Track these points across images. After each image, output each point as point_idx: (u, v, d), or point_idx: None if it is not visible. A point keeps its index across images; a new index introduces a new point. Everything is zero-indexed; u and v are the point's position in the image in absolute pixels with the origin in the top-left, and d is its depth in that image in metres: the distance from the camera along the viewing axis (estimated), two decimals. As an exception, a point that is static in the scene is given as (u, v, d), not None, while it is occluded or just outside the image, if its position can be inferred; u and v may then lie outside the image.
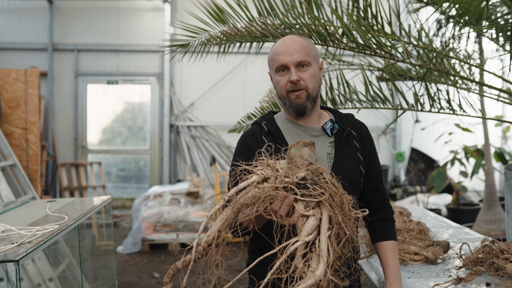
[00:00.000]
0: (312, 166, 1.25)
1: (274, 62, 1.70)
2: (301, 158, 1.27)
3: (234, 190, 1.28)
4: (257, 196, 1.23)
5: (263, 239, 1.44)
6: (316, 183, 1.20)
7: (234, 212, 1.25)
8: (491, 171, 5.68)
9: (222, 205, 1.29)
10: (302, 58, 1.66)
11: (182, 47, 2.92)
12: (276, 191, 1.22)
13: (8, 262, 1.65)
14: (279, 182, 1.23)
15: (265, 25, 2.42)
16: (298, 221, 1.20)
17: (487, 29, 3.11)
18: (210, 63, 8.43)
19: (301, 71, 1.67)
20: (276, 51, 1.70)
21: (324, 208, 1.19)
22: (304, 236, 1.16)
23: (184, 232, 6.05)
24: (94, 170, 8.64)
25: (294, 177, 1.22)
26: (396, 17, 2.64)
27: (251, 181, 1.25)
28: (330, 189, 1.20)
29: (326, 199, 1.18)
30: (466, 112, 3.00)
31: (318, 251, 1.14)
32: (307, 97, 1.68)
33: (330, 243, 1.15)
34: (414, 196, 7.14)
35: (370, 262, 2.57)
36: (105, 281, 3.70)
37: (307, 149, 1.28)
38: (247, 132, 1.81)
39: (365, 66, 3.50)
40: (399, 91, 2.93)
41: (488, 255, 2.11)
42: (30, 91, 6.69)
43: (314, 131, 1.74)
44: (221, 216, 1.26)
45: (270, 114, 1.84)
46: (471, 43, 4.47)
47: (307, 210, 1.19)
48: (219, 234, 1.24)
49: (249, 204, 1.23)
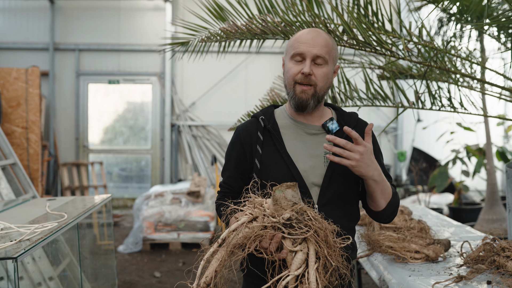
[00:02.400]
0: (296, 206, 1.38)
1: (293, 49, 1.64)
2: (285, 199, 1.39)
3: (226, 232, 1.39)
4: (247, 235, 1.35)
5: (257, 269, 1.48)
6: (300, 222, 1.34)
7: (227, 252, 1.36)
8: (493, 170, 5.66)
9: (216, 247, 1.39)
10: (322, 53, 1.61)
11: (182, 45, 2.92)
12: (265, 230, 1.35)
13: (7, 259, 1.65)
14: (267, 222, 1.36)
15: (265, 22, 2.42)
16: (287, 255, 1.34)
17: (488, 26, 3.10)
18: (211, 62, 8.45)
19: (315, 66, 1.62)
20: (299, 38, 1.64)
21: (310, 243, 1.33)
22: (294, 270, 1.31)
23: (185, 232, 6.05)
24: (95, 170, 8.64)
25: (280, 218, 1.35)
26: (397, 15, 2.62)
27: (241, 222, 1.38)
28: (314, 225, 1.34)
29: (311, 235, 1.33)
30: (468, 110, 2.99)
31: (308, 283, 1.29)
32: (313, 95, 1.63)
33: (318, 275, 1.30)
34: (416, 196, 7.13)
35: (371, 260, 2.56)
36: (106, 280, 3.70)
37: (290, 190, 1.40)
38: (242, 126, 1.77)
39: (366, 64, 3.49)
40: (400, 89, 2.92)
41: (489, 253, 2.09)
42: (31, 90, 6.69)
43: (313, 129, 1.71)
44: (216, 257, 1.37)
45: (271, 108, 1.80)
46: (472, 42, 4.46)
47: (294, 246, 1.34)
48: (215, 274, 1.35)
49: (241, 244, 1.36)
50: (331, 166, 1.65)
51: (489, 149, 5.66)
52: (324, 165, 1.66)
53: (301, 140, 1.70)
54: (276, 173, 1.65)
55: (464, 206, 6.45)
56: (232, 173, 1.76)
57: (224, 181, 1.79)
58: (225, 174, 1.79)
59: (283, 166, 1.65)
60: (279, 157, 1.66)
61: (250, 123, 1.76)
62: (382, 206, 1.65)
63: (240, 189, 1.71)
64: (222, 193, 1.79)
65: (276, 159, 1.66)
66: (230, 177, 1.77)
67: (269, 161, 1.67)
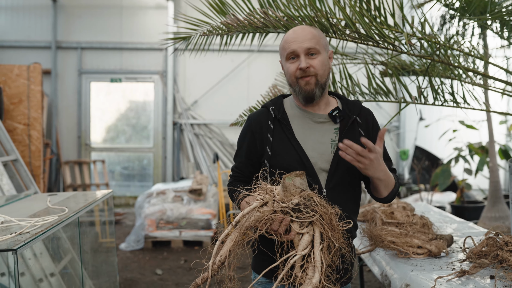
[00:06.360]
0: (304, 192, 1.52)
1: (285, 50, 1.75)
2: (294, 186, 1.53)
3: (239, 216, 1.51)
4: (259, 219, 1.48)
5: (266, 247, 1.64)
6: (308, 207, 1.47)
7: (240, 234, 1.49)
8: (495, 167, 5.63)
9: (231, 228, 1.51)
10: (312, 45, 1.71)
11: (184, 39, 2.90)
12: (275, 214, 1.48)
13: (7, 251, 1.64)
14: (276, 206, 1.49)
15: (266, 15, 2.41)
16: (295, 237, 1.47)
17: (491, 21, 3.08)
18: (213, 60, 8.47)
19: (310, 58, 1.72)
20: (286, 39, 1.75)
21: (316, 226, 1.47)
22: (301, 251, 1.45)
23: (187, 230, 6.04)
24: (97, 168, 8.65)
25: (290, 203, 1.48)
26: (399, 9, 2.61)
27: (253, 206, 1.50)
28: (320, 210, 1.47)
29: (317, 219, 1.46)
30: (470, 105, 2.97)
31: (314, 262, 1.42)
32: (316, 84, 1.73)
33: (323, 255, 1.44)
34: (418, 194, 7.10)
35: (373, 255, 2.54)
36: (107, 278, 3.69)
37: (298, 178, 1.54)
38: (253, 116, 1.87)
39: (368, 60, 3.48)
40: (402, 84, 2.91)
41: (492, 247, 2.07)
42: (33, 87, 6.69)
43: (320, 118, 1.80)
44: (230, 238, 1.49)
45: (280, 98, 1.89)
46: (475, 39, 4.43)
47: (301, 228, 1.47)
48: (229, 253, 1.47)
49: (252, 226, 1.49)
50: (337, 153, 1.74)
51: (492, 146, 5.63)
52: (331, 151, 1.77)
53: (309, 128, 1.80)
54: (286, 159, 1.75)
55: (467, 205, 6.42)
56: (243, 160, 1.88)
57: (236, 166, 1.92)
58: (237, 159, 1.92)
59: (293, 153, 1.75)
60: (289, 145, 1.76)
61: (261, 113, 1.85)
62: (384, 195, 1.79)
63: (250, 173, 1.83)
64: (233, 177, 1.92)
65: (286, 146, 1.77)
66: (241, 163, 1.89)
67: (279, 148, 1.77)
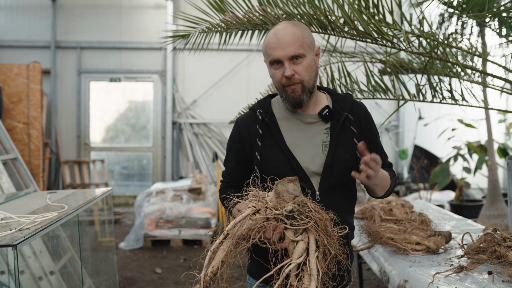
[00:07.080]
0: (298, 198, 1.46)
1: (268, 56, 1.65)
2: (287, 193, 1.47)
3: (231, 225, 1.45)
4: (251, 227, 1.42)
5: (260, 258, 1.58)
6: (302, 213, 1.41)
7: (233, 243, 1.43)
8: (494, 166, 5.65)
9: (222, 238, 1.45)
10: (296, 51, 1.60)
11: (183, 37, 2.91)
12: (268, 222, 1.42)
13: (6, 246, 1.65)
14: (269, 214, 1.43)
15: (265, 13, 2.41)
16: (289, 245, 1.41)
17: (489, 19, 3.09)
18: (212, 60, 8.48)
19: (295, 64, 1.62)
20: (268, 44, 1.64)
21: (311, 233, 1.41)
22: (296, 259, 1.39)
23: (186, 228, 6.05)
24: (97, 168, 8.65)
25: (283, 210, 1.42)
26: (398, 7, 2.62)
27: (245, 214, 1.45)
28: (314, 216, 1.41)
29: (311, 225, 1.41)
30: (469, 102, 2.98)
31: (309, 270, 1.37)
32: (303, 90, 1.64)
33: (318, 262, 1.38)
34: (417, 193, 7.11)
35: (372, 252, 2.55)
36: (107, 276, 3.70)
37: (291, 184, 1.48)
38: (241, 120, 1.79)
39: (367, 57, 3.49)
40: (401, 81, 2.92)
41: (490, 243, 2.08)
42: (32, 86, 6.70)
43: (310, 118, 1.73)
44: (222, 248, 1.44)
45: (268, 100, 1.81)
46: (474, 37, 4.44)
47: (296, 236, 1.41)
48: (221, 263, 1.42)
49: (245, 235, 1.43)
50: (329, 154, 1.68)
51: (490, 145, 5.64)
52: (323, 153, 1.69)
53: (299, 130, 1.72)
54: (276, 165, 1.68)
55: (466, 203, 6.43)
56: (233, 165, 1.81)
57: (226, 172, 1.86)
58: (226, 165, 1.85)
59: (283, 158, 1.68)
60: (279, 150, 1.69)
61: (248, 116, 1.78)
62: (380, 195, 1.79)
63: (241, 179, 1.76)
64: (224, 183, 1.86)
65: (275, 151, 1.69)
66: (231, 168, 1.82)
67: (269, 153, 1.70)
